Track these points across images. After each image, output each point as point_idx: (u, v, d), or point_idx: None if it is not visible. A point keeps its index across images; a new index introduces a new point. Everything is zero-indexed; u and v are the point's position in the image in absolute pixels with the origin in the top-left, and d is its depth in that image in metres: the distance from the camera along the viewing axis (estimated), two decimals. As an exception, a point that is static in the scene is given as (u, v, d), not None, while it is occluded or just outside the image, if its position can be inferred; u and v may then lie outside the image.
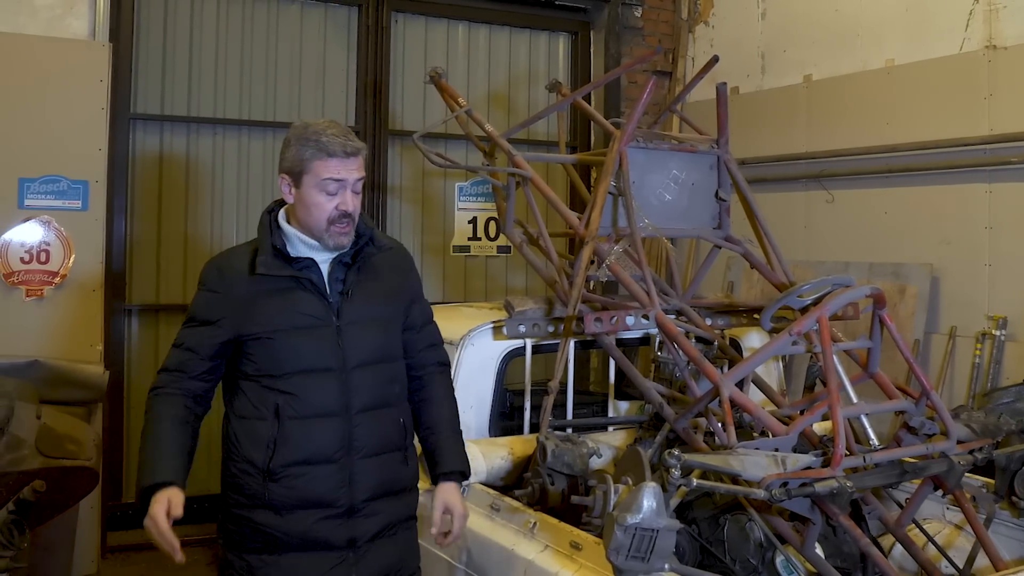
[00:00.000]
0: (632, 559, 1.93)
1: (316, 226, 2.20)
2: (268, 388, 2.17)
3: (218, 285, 2.23)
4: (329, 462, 2.17)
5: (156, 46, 4.96)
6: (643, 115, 3.16)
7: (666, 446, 2.62)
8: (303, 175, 2.18)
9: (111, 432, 4.65)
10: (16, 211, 4.24)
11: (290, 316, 2.19)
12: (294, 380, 2.17)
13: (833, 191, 4.94)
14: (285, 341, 2.17)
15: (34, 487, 3.07)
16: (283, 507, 2.14)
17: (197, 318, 2.24)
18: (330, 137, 2.16)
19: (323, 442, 2.17)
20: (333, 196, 2.18)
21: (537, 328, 2.96)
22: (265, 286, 2.20)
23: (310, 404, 2.17)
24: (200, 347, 2.20)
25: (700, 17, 5.96)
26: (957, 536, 2.76)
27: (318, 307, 2.21)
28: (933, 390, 2.46)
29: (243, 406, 2.21)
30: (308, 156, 2.17)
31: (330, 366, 2.20)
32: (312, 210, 2.19)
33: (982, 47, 4.24)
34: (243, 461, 2.17)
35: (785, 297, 2.58)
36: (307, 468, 2.15)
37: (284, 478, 2.14)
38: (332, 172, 2.16)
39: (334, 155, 2.16)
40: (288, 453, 2.15)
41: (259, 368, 2.19)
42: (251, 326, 2.18)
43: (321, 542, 2.16)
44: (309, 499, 2.15)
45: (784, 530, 2.37)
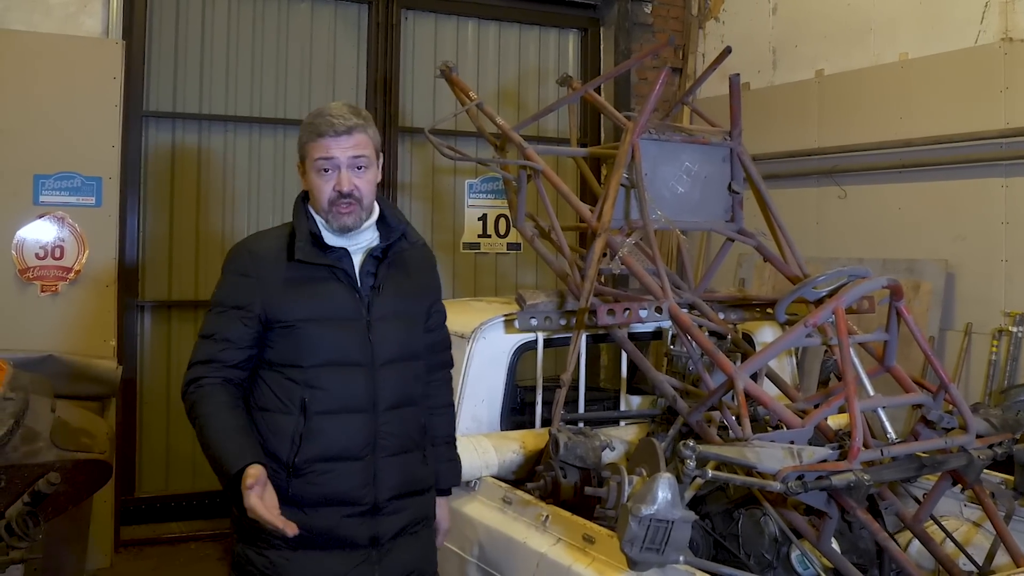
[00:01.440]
0: (646, 551, 1.92)
1: (321, 209, 2.15)
2: (293, 380, 2.10)
3: (250, 268, 2.14)
4: (355, 459, 2.11)
5: (168, 44, 4.98)
6: (655, 110, 3.13)
7: (679, 440, 2.60)
8: (304, 159, 2.16)
9: (124, 427, 4.68)
10: (31, 207, 4.26)
11: (322, 306, 2.12)
12: (322, 373, 2.10)
13: (846, 187, 4.90)
14: (315, 331, 2.11)
15: (49, 479, 3.07)
16: (306, 503, 2.08)
17: (226, 303, 2.14)
18: (324, 117, 2.11)
19: (350, 439, 2.11)
20: (329, 176, 2.12)
21: (549, 321, 2.95)
22: (299, 273, 2.13)
23: (338, 399, 2.11)
24: (234, 335, 2.11)
25: (710, 13, 5.94)
26: (975, 533, 2.72)
27: (350, 300, 2.16)
28: (951, 382, 2.43)
29: (266, 398, 2.12)
30: (303, 140, 2.14)
31: (359, 361, 2.14)
32: (315, 193, 2.15)
33: (998, 40, 4.20)
34: (265, 455, 2.06)
35: (800, 288, 2.56)
36: (333, 465, 2.09)
37: (309, 474, 2.08)
38: (322, 151, 2.11)
39: (324, 135, 2.10)
40: (314, 449, 2.08)
41: (285, 358, 2.11)
42: (282, 313, 2.10)
43: (344, 540, 2.11)
44: (333, 496, 2.09)
45: (800, 524, 2.35)
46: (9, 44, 4.20)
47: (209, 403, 2.07)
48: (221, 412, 2.06)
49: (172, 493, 5.04)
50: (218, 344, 2.11)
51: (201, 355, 2.13)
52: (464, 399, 2.92)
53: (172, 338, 5.05)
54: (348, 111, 2.14)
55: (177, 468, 5.07)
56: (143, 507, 4.93)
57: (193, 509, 5.02)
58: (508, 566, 2.46)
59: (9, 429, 2.99)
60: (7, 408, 3.05)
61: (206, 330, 2.15)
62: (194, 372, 2.12)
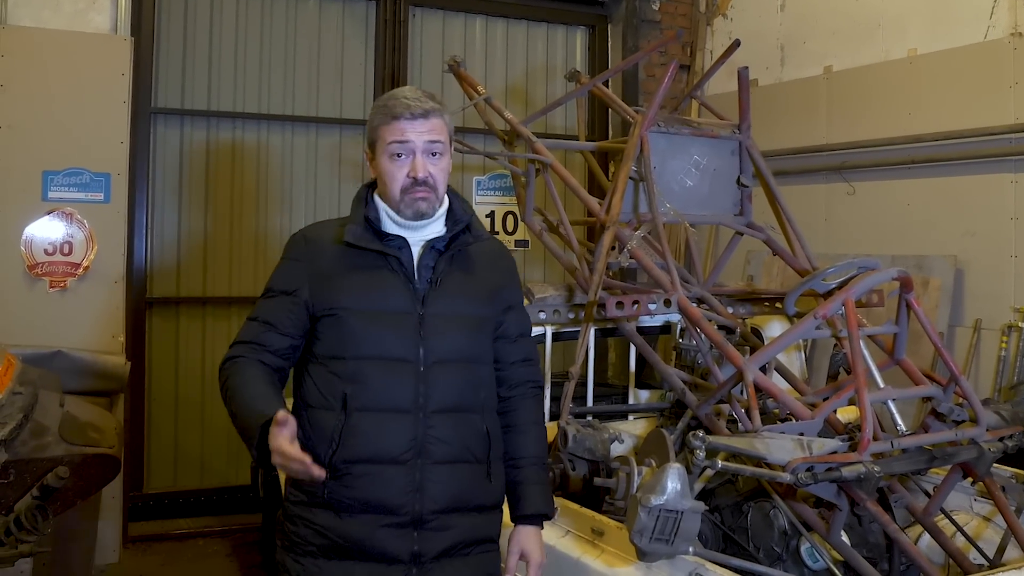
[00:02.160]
0: (656, 541, 1.91)
1: (392, 196, 2.02)
2: (334, 374, 1.98)
3: (302, 254, 2.06)
4: (396, 463, 1.94)
5: (176, 41, 5.00)
6: (662, 106, 3.13)
7: (688, 432, 2.59)
8: (375, 144, 2.04)
9: (132, 423, 4.69)
10: (40, 203, 4.28)
11: (370, 296, 2.00)
12: (365, 367, 1.97)
13: (854, 183, 4.88)
14: (361, 322, 1.98)
15: (57, 473, 3.08)
16: (342, 508, 1.93)
17: (275, 289, 2.06)
18: (399, 99, 2.01)
19: (391, 440, 1.95)
20: (402, 161, 2.00)
21: (557, 315, 2.94)
22: (351, 260, 2.02)
23: (380, 396, 1.96)
24: (278, 320, 2.02)
25: (718, 10, 5.93)
26: (985, 528, 2.71)
27: (402, 291, 2.01)
28: (962, 375, 2.42)
29: (310, 394, 2.02)
30: (376, 123, 2.03)
31: (406, 357, 1.98)
32: (387, 180, 2.03)
33: (1007, 35, 4.18)
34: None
35: (810, 280, 2.55)
36: (371, 467, 1.94)
37: (345, 476, 1.93)
38: (396, 135, 2.00)
39: (398, 117, 1.99)
40: (353, 449, 1.94)
41: (330, 350, 2.00)
42: (326, 299, 2.00)
43: (382, 553, 1.94)
44: (371, 502, 1.93)
45: (809, 517, 2.34)
46: (18, 40, 4.22)
47: (240, 375, 1.99)
48: (251, 381, 1.97)
49: (180, 489, 5.05)
50: (260, 327, 2.04)
51: (242, 336, 2.06)
52: (472, 393, 2.91)
53: (180, 335, 5.06)
54: (423, 94, 2.04)
55: (185, 464, 5.08)
56: (151, 503, 4.95)
57: (201, 505, 5.04)
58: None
59: (18, 423, 3.00)
60: (16, 403, 3.07)
61: (253, 313, 2.08)
62: (232, 351, 2.05)
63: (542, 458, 2.16)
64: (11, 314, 4.18)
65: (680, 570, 2.01)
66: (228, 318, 5.11)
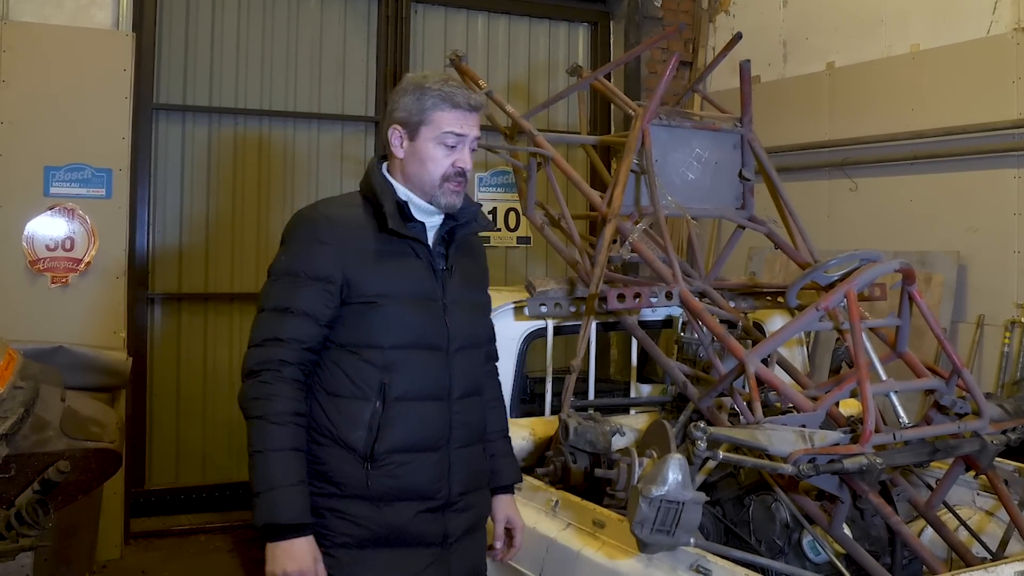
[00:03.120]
0: (657, 532, 1.90)
1: (429, 182, 2.00)
2: (370, 363, 1.94)
3: (328, 236, 1.95)
4: (433, 450, 1.98)
5: (178, 37, 5.00)
6: (664, 101, 3.12)
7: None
8: (421, 126, 1.98)
9: (134, 419, 4.69)
10: (41, 199, 4.28)
11: (404, 283, 1.98)
12: (401, 355, 1.96)
13: (857, 179, 4.87)
14: (398, 309, 1.96)
15: (58, 467, 3.08)
16: (382, 498, 1.93)
17: (305, 274, 1.92)
18: (453, 88, 1.99)
19: (429, 428, 1.98)
20: (451, 151, 1.99)
21: (559, 308, 2.94)
22: (381, 245, 1.97)
23: (418, 384, 1.97)
24: (317, 310, 1.91)
25: (720, 6, 5.92)
26: (988, 522, 2.70)
27: (428, 278, 2.02)
28: (964, 367, 2.41)
29: (337, 382, 1.95)
30: (430, 106, 1.97)
31: (438, 344, 2.01)
32: (428, 164, 1.99)
33: (1011, 30, 4.16)
34: (337, 445, 1.92)
35: (812, 272, 2.54)
36: (412, 456, 1.95)
37: (387, 465, 1.92)
38: (454, 125, 1.98)
39: (458, 107, 1.98)
40: (393, 438, 1.93)
41: (363, 338, 1.94)
42: (365, 287, 1.94)
43: (417, 537, 1.97)
44: (411, 489, 1.95)
45: (811, 510, 2.33)
46: (20, 36, 4.22)
47: (283, 409, 1.87)
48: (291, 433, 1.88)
49: (182, 485, 5.05)
50: (298, 319, 1.91)
51: (278, 330, 1.90)
52: (473, 386, 2.91)
53: (182, 331, 5.06)
54: (465, 84, 2.04)
55: (187, 460, 5.08)
56: (153, 499, 4.95)
57: (203, 501, 5.04)
58: (518, 551, 2.44)
59: (19, 418, 3.00)
60: (17, 397, 3.06)
61: (279, 302, 1.93)
62: (271, 351, 1.89)
63: (507, 429, 2.31)
64: (13, 309, 4.19)
65: (681, 562, 2.00)
66: (230, 314, 5.11)
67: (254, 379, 1.90)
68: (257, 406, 1.88)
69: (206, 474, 5.10)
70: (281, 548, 1.84)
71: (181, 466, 5.08)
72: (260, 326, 1.95)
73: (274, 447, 1.86)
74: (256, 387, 1.89)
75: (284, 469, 1.85)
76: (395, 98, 2.04)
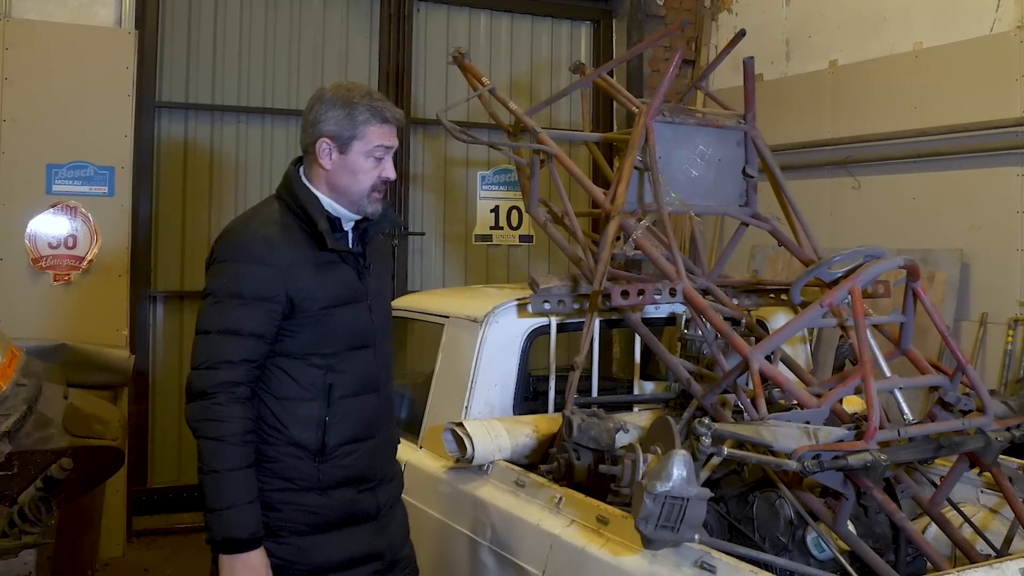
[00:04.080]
0: (661, 528, 1.89)
1: (359, 192, 2.10)
2: (316, 367, 2.07)
3: (269, 258, 2.02)
4: (371, 438, 2.18)
5: (181, 35, 5.01)
6: (667, 99, 3.11)
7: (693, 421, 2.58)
8: (353, 140, 2.08)
9: (136, 417, 4.70)
10: (44, 197, 4.29)
11: (339, 291, 2.11)
12: (343, 357, 2.11)
13: (859, 177, 4.87)
14: (338, 316, 2.09)
15: (61, 465, 3.08)
16: (330, 486, 2.10)
17: (247, 295, 1.99)
18: (379, 102, 2.09)
19: (367, 419, 2.16)
20: (379, 163, 2.11)
21: (562, 305, 2.93)
22: (315, 259, 2.07)
23: (357, 381, 2.13)
24: (265, 330, 2.01)
25: (723, 4, 5.91)
26: (992, 519, 2.69)
27: (356, 281, 2.16)
28: (969, 364, 2.40)
29: (285, 387, 2.06)
30: (362, 120, 2.07)
31: (369, 342, 2.17)
32: (358, 176, 2.09)
33: (1014, 27, 4.16)
34: (289, 444, 2.06)
35: (816, 269, 2.53)
36: (356, 446, 2.13)
37: (335, 457, 2.10)
38: (384, 139, 2.09)
39: (387, 121, 2.10)
40: (341, 433, 2.10)
41: (306, 346, 2.06)
42: (308, 302, 2.05)
43: (359, 514, 2.16)
44: (354, 476, 2.14)
45: (816, 507, 2.32)
46: (23, 34, 4.23)
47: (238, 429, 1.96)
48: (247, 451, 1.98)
49: (184, 484, 5.04)
50: (247, 340, 1.99)
51: (229, 352, 1.98)
52: (477, 384, 2.90)
53: (184, 329, 5.06)
54: (383, 96, 2.16)
55: (189, 459, 5.06)
56: (155, 497, 4.95)
57: (205, 499, 5.03)
58: (521, 548, 2.44)
59: (22, 415, 3.00)
60: (20, 394, 3.07)
61: (227, 324, 1.99)
62: (224, 374, 1.97)
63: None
64: (15, 307, 4.19)
65: (686, 558, 1.99)
66: (232, 312, 5.11)
67: (207, 400, 1.96)
68: (211, 427, 1.96)
69: (208, 472, 5.10)
70: (240, 560, 1.96)
71: (183, 464, 5.08)
72: (208, 347, 2.00)
73: (230, 467, 1.95)
74: (209, 409, 1.96)
75: (240, 488, 1.96)
76: (321, 110, 2.09)
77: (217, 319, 2.00)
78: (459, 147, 5.64)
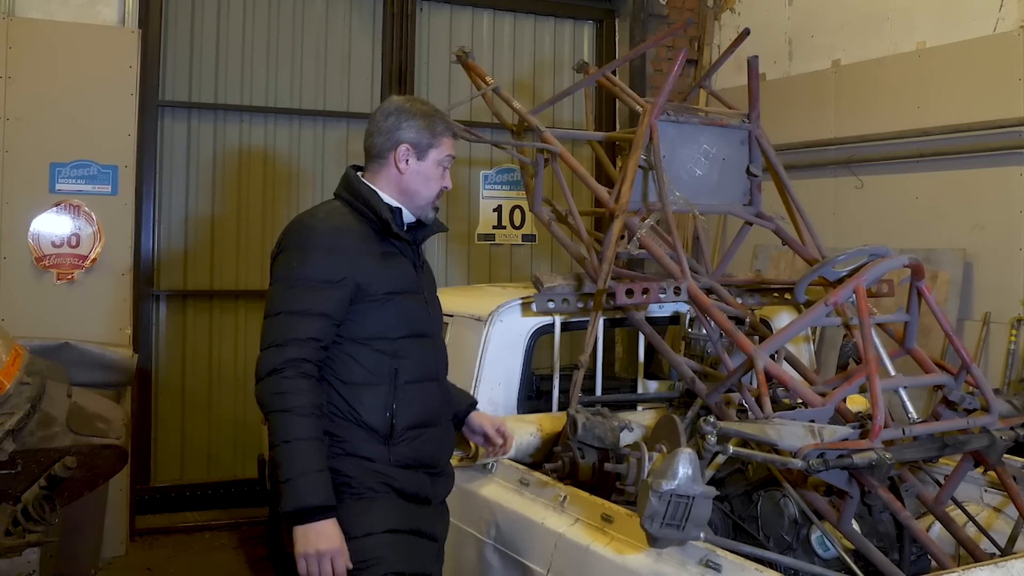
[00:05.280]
0: (667, 527, 1.89)
1: (426, 197, 2.26)
2: (381, 352, 2.15)
3: (338, 244, 2.13)
4: (435, 425, 2.25)
5: (184, 34, 5.01)
6: (670, 98, 3.11)
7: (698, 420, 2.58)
8: (431, 149, 2.24)
9: (139, 416, 4.70)
10: (47, 195, 4.29)
11: (402, 280, 2.21)
12: (406, 343, 2.18)
13: (862, 177, 4.87)
14: (401, 304, 2.18)
15: (65, 463, 3.08)
16: (404, 466, 2.16)
17: (316, 279, 2.08)
18: (448, 118, 2.29)
19: (431, 405, 2.24)
20: (444, 172, 2.28)
21: (566, 303, 2.93)
22: (379, 247, 2.19)
23: (420, 368, 2.21)
24: (333, 311, 2.08)
25: (726, 4, 5.91)
26: (996, 518, 2.69)
27: (414, 275, 2.27)
28: (973, 363, 2.40)
29: (351, 372, 2.12)
30: (440, 131, 2.24)
31: (429, 332, 2.28)
32: (430, 183, 2.25)
33: (1017, 27, 4.16)
34: (358, 426, 2.11)
35: (820, 268, 2.53)
36: (422, 430, 2.20)
37: (404, 440, 2.16)
38: (453, 150, 2.29)
39: (455, 135, 2.31)
40: (408, 416, 2.16)
41: (374, 331, 2.14)
42: (374, 287, 2.14)
43: (421, 495, 2.21)
44: (421, 459, 2.20)
45: (820, 505, 2.33)
46: (26, 32, 4.22)
47: (308, 402, 2.02)
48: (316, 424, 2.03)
49: (187, 482, 5.06)
50: (316, 320, 2.06)
51: (299, 331, 2.04)
52: (481, 382, 2.91)
53: (188, 328, 5.06)
54: None
55: (192, 457, 5.09)
56: (158, 496, 4.95)
57: (208, 498, 5.04)
58: (526, 547, 2.44)
59: (25, 414, 3.00)
60: (24, 393, 3.07)
61: (296, 305, 2.07)
62: (294, 350, 2.03)
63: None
64: (19, 306, 4.19)
65: (691, 556, 1.99)
66: (235, 311, 5.12)
67: (277, 375, 2.02)
68: (281, 400, 2.01)
69: (211, 471, 5.11)
70: (314, 529, 1.97)
71: (186, 463, 5.08)
72: (277, 327, 2.07)
73: (300, 437, 1.99)
74: (279, 382, 2.01)
75: (311, 457, 1.99)
76: (401, 119, 2.23)
77: (285, 302, 2.09)
78: (462, 146, 5.64)
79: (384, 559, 2.08)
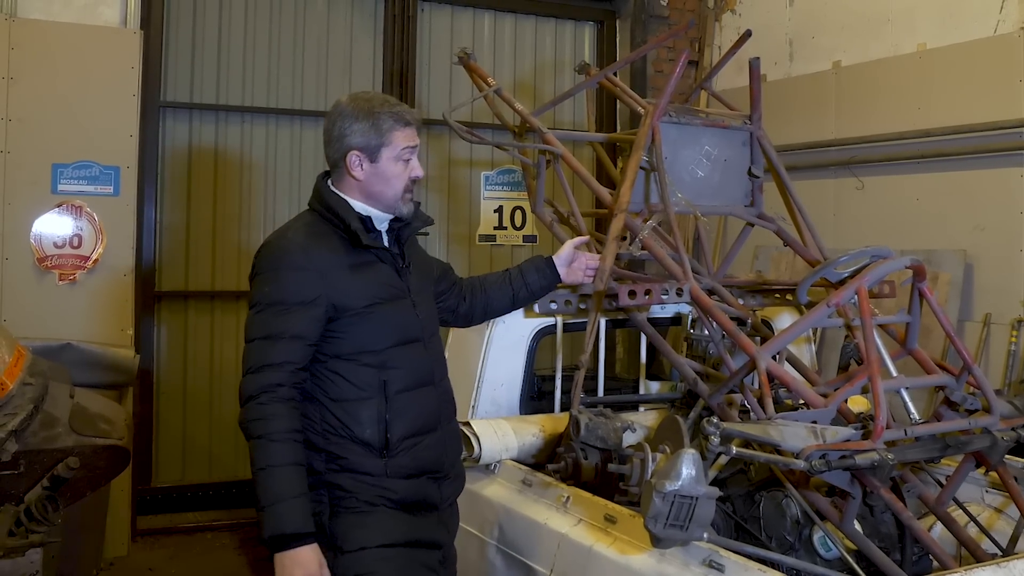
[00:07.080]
0: (670, 527, 1.90)
1: (393, 196, 2.19)
2: (367, 365, 2.11)
3: (307, 263, 2.08)
4: (433, 430, 2.21)
5: (186, 35, 5.01)
6: (672, 100, 3.11)
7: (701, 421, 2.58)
8: (382, 148, 2.16)
9: (141, 417, 4.70)
10: (49, 196, 4.29)
11: (381, 288, 2.15)
12: (392, 353, 2.14)
13: (863, 178, 4.88)
14: (384, 314, 2.14)
15: (67, 464, 3.09)
16: (404, 476, 2.14)
17: (289, 301, 2.06)
18: (397, 107, 2.19)
19: (427, 411, 2.20)
20: (407, 164, 2.19)
21: (568, 304, 2.94)
22: (352, 260, 2.13)
23: (411, 375, 2.17)
24: (307, 332, 2.05)
25: (727, 5, 5.92)
26: (997, 519, 2.70)
27: (396, 279, 2.21)
28: (974, 364, 2.41)
29: (340, 388, 2.10)
30: (387, 127, 2.15)
31: (418, 336, 2.22)
32: (392, 181, 2.18)
33: (1018, 29, 4.17)
34: (353, 442, 2.09)
35: (822, 269, 2.54)
36: (418, 438, 2.17)
37: (401, 451, 2.13)
38: (408, 141, 2.18)
39: (409, 123, 2.18)
40: (402, 427, 2.13)
41: (354, 345, 2.11)
42: (350, 301, 2.10)
43: (424, 503, 2.19)
44: (422, 467, 2.17)
45: (822, 506, 2.33)
46: (29, 33, 4.23)
47: (284, 427, 2.00)
48: (295, 448, 2.01)
49: (188, 483, 5.06)
50: (290, 343, 2.04)
51: (272, 356, 2.03)
52: (483, 383, 2.92)
53: (189, 329, 5.07)
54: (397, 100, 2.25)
55: (193, 458, 5.09)
56: (160, 497, 4.96)
57: (209, 499, 5.05)
58: (529, 547, 2.45)
59: (28, 414, 3.01)
60: (26, 393, 3.07)
61: (269, 330, 2.05)
62: (267, 377, 2.02)
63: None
64: (21, 306, 4.20)
65: (694, 557, 2.00)
66: (236, 312, 5.12)
67: (253, 402, 2.02)
68: (257, 427, 2.00)
69: (212, 472, 5.11)
70: (289, 556, 1.97)
71: (188, 464, 5.09)
72: (252, 355, 2.06)
73: (275, 463, 1.98)
74: (255, 409, 2.01)
75: (286, 483, 1.97)
76: (344, 125, 2.18)
77: (260, 327, 2.07)
78: (463, 147, 5.65)
79: (377, 573, 2.07)
